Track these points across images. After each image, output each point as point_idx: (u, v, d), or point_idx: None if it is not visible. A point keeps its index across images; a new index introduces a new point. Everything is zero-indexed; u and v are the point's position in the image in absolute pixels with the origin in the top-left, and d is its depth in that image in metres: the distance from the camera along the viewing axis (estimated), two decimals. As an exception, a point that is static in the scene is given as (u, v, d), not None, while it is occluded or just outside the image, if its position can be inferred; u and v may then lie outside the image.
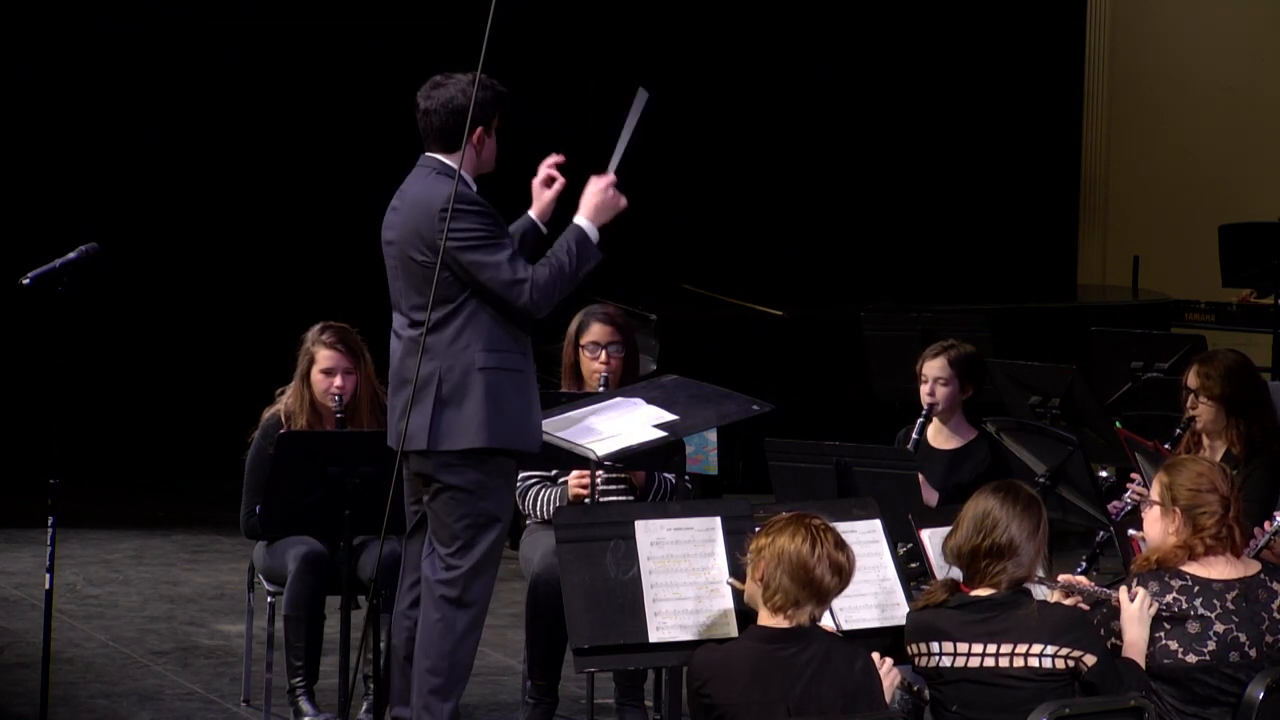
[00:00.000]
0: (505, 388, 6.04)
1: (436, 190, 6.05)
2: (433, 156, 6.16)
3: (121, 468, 11.75)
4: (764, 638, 5.12)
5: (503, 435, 6.03)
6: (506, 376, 6.05)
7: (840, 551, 5.15)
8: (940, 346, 7.41)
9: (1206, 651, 5.34)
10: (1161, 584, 5.40)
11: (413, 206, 6.12)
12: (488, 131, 6.16)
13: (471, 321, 6.03)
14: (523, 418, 6.07)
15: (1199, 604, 5.37)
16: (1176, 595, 5.38)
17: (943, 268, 13.62)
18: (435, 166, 6.14)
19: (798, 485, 6.51)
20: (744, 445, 6.96)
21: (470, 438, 6.00)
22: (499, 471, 6.08)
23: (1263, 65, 13.62)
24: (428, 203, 6.05)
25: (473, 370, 6.01)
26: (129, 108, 12.12)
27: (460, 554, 6.06)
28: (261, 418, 7.18)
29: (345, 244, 10.95)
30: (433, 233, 6.00)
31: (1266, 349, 11.39)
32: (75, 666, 7.83)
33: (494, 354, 6.04)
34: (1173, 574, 5.42)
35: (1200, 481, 5.50)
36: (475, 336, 6.04)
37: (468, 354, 6.01)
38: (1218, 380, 6.91)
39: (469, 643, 6.11)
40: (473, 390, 6.01)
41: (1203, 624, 5.36)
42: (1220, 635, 5.35)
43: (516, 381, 6.07)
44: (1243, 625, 5.36)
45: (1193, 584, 5.40)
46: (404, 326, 6.17)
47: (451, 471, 6.04)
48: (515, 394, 6.06)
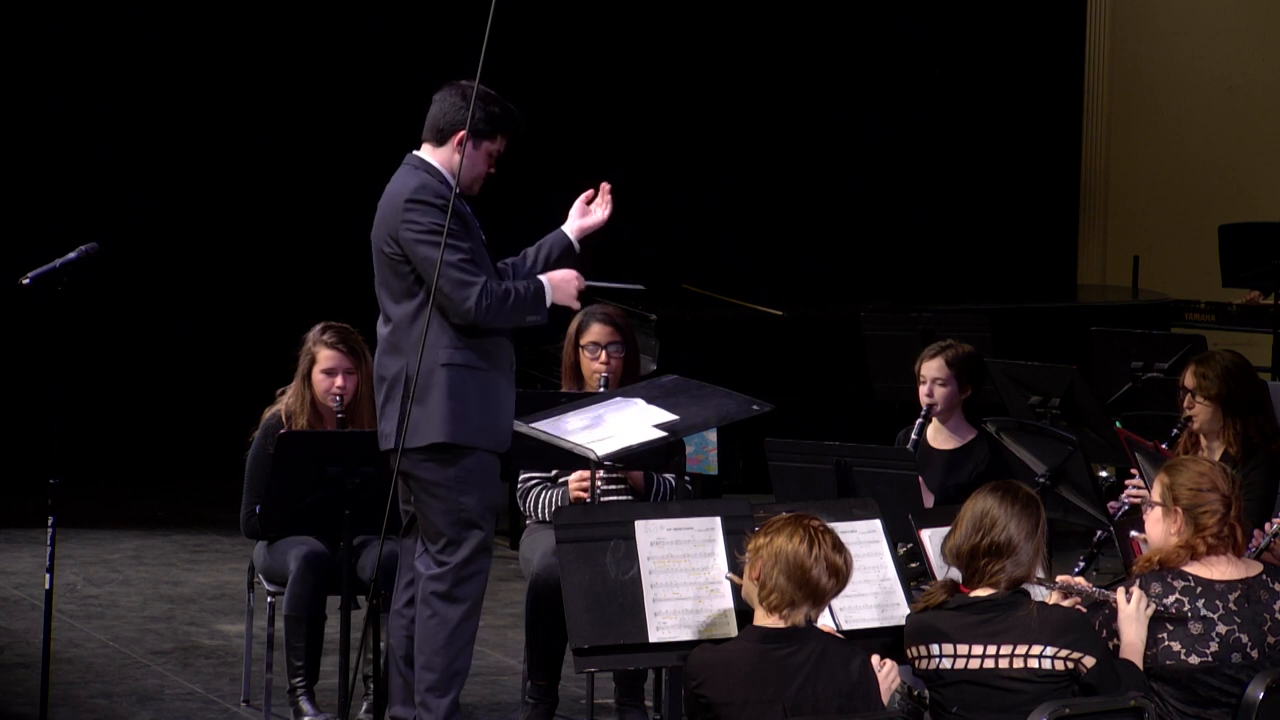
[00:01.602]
0: (468, 385, 6.07)
1: (408, 182, 6.12)
2: (417, 155, 6.21)
3: (121, 468, 11.75)
4: (760, 638, 5.12)
5: (465, 432, 6.06)
6: (469, 374, 6.08)
7: (838, 553, 5.15)
8: (938, 347, 7.41)
9: (1209, 652, 5.33)
10: (1164, 585, 5.40)
11: (386, 198, 6.20)
12: (476, 145, 6.14)
13: (437, 317, 6.05)
14: (487, 416, 6.09)
15: (1201, 605, 5.37)
16: (1179, 596, 5.38)
17: (943, 268, 13.62)
18: (415, 163, 6.20)
19: (798, 485, 6.51)
20: (744, 445, 6.94)
21: (433, 433, 6.04)
22: (475, 467, 6.09)
23: (1263, 65, 13.61)
24: (396, 194, 6.13)
25: (435, 367, 6.05)
26: (129, 107, 12.12)
27: (448, 550, 6.09)
28: (262, 418, 7.19)
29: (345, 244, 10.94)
30: (397, 224, 6.06)
31: (1266, 349, 11.39)
32: (75, 666, 7.83)
33: (458, 351, 6.08)
34: (1175, 574, 5.41)
35: (1201, 481, 5.49)
36: (440, 332, 6.06)
37: (432, 352, 6.05)
38: (1215, 381, 6.90)
39: (462, 638, 6.13)
40: (435, 387, 6.06)
41: (1205, 625, 5.35)
42: (1222, 636, 5.34)
43: (479, 379, 6.10)
44: (1245, 626, 5.36)
45: (1195, 584, 5.40)
46: (380, 324, 6.23)
47: (425, 469, 6.08)
48: (478, 392, 6.08)
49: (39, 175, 11.92)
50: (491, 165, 6.23)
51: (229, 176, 12.35)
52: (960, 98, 14.08)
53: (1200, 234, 12.64)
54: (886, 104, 13.92)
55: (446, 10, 11.73)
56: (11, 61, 11.88)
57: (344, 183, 11.96)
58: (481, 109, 6.10)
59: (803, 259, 13.54)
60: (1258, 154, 13.56)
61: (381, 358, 6.20)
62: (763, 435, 6.73)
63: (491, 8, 5.65)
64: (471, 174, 6.18)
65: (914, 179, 13.98)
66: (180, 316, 12.27)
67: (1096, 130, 14.48)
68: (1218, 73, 13.84)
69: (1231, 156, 13.68)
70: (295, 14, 12.43)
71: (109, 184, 12.01)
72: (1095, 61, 14.45)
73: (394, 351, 6.11)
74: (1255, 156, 13.56)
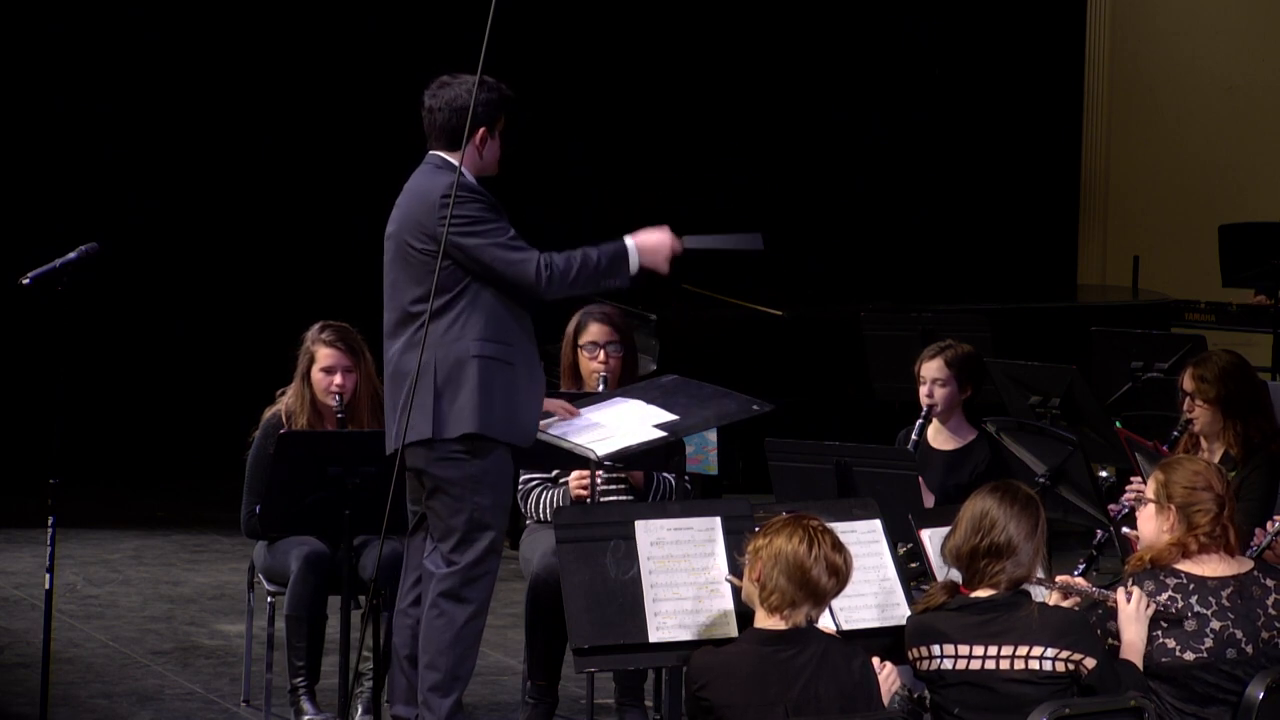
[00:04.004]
0: (496, 378, 6.07)
1: (437, 181, 6.13)
2: (437, 154, 6.23)
3: (121, 468, 11.75)
4: (761, 640, 5.12)
5: (492, 424, 6.06)
6: (498, 367, 6.08)
7: (837, 553, 5.15)
8: (937, 348, 7.41)
9: (1204, 649, 5.34)
10: (1157, 583, 5.40)
11: (412, 197, 6.20)
12: (490, 133, 6.23)
13: (466, 312, 6.08)
14: (511, 410, 6.10)
15: (1194, 601, 5.38)
16: (1172, 594, 5.39)
17: (943, 268, 13.62)
18: (437, 163, 6.22)
19: (798, 485, 6.51)
20: (744, 445, 6.94)
21: (466, 423, 6.04)
22: (495, 464, 6.09)
23: (1263, 65, 13.61)
24: (427, 192, 6.14)
25: (466, 358, 6.05)
26: (129, 107, 12.11)
27: (459, 550, 6.09)
28: (262, 418, 7.18)
29: (345, 244, 10.96)
30: (432, 221, 6.07)
31: (1266, 349, 11.38)
32: (75, 666, 7.83)
33: (488, 344, 6.09)
34: (1168, 572, 5.42)
35: (1196, 480, 5.50)
36: (470, 327, 6.08)
37: (461, 344, 6.06)
38: (1213, 382, 6.89)
39: (468, 639, 6.12)
40: (467, 378, 6.05)
41: (1199, 621, 5.36)
42: (1217, 632, 5.35)
43: (506, 374, 6.10)
44: (1239, 622, 5.37)
45: (1188, 582, 5.41)
46: (395, 325, 6.21)
47: (448, 465, 6.07)
48: (505, 385, 6.09)
49: (39, 175, 11.92)
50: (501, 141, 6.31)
51: (229, 177, 12.35)
52: (960, 98, 14.08)
53: (1200, 234, 12.63)
54: (886, 104, 13.92)
55: (446, 10, 11.73)
56: (11, 61, 11.88)
57: (344, 183, 11.99)
58: (482, 102, 6.12)
59: (803, 259, 13.53)
60: (1258, 154, 13.56)
61: (400, 357, 6.16)
62: (763, 435, 6.72)
63: (491, 8, 5.65)
64: (493, 158, 6.29)
65: (914, 179, 13.98)
66: (180, 316, 12.27)
67: (1096, 130, 14.48)
68: (1218, 73, 13.84)
69: (1231, 156, 13.68)
70: (295, 14, 12.43)
71: (109, 184, 12.00)
72: (1095, 61, 14.45)
73: (416, 348, 6.08)
74: (1255, 156, 13.56)
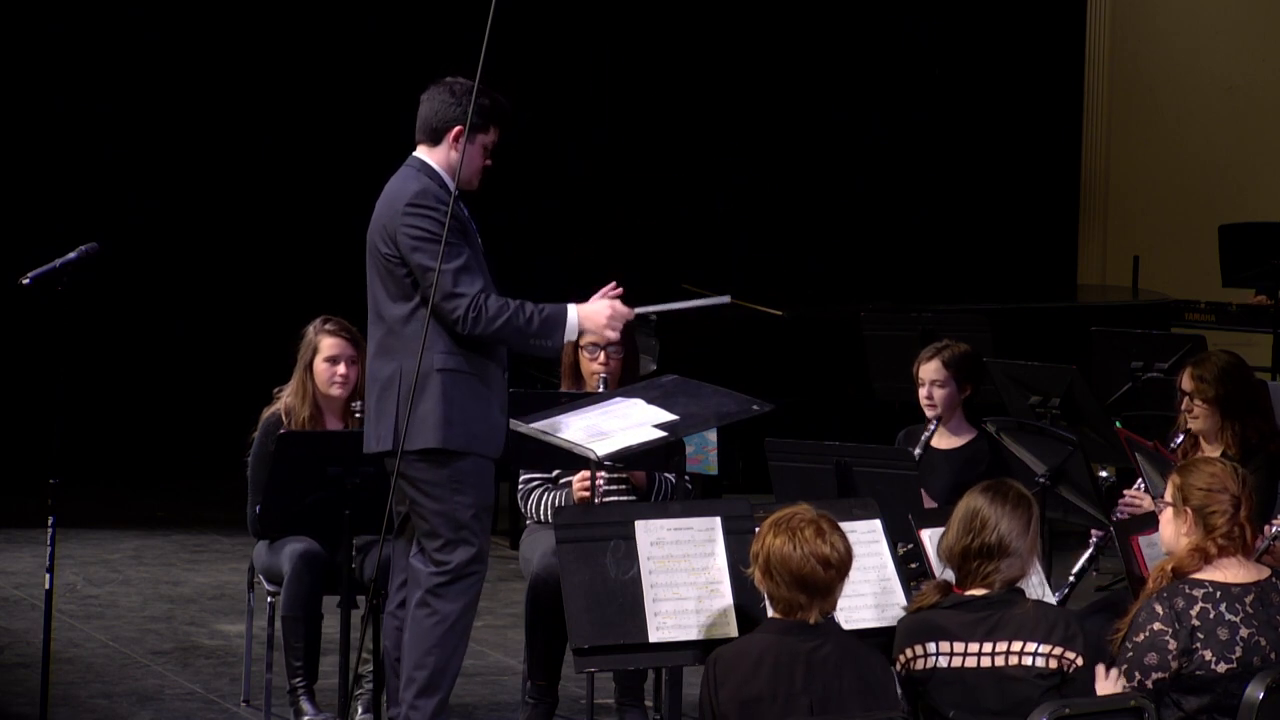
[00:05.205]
0: (460, 390, 6.04)
1: (409, 185, 6.11)
2: (417, 156, 6.21)
3: (121, 468, 11.75)
4: (780, 630, 5.08)
5: (457, 438, 6.03)
6: (463, 379, 6.05)
7: (821, 540, 5.07)
8: (934, 348, 7.39)
9: (1234, 658, 5.27)
10: (1185, 597, 5.31)
11: (384, 199, 6.19)
12: (471, 138, 6.13)
13: (432, 322, 6.03)
14: (478, 422, 6.07)
15: (1224, 609, 5.29)
16: (1202, 605, 5.31)
17: (943, 268, 13.62)
18: (415, 165, 6.20)
19: (798, 485, 6.50)
20: (744, 445, 6.94)
21: (427, 438, 6.02)
22: (469, 470, 6.07)
23: (1263, 65, 13.62)
24: (396, 196, 6.12)
25: (430, 371, 6.03)
26: (129, 107, 12.12)
27: (445, 550, 6.07)
28: (260, 418, 7.18)
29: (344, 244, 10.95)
30: (395, 227, 6.05)
31: (1266, 349, 11.39)
32: (75, 666, 7.83)
33: (452, 356, 6.05)
34: (1193, 584, 5.34)
35: (1212, 482, 5.45)
36: (436, 337, 6.04)
37: (427, 356, 6.02)
38: (1212, 383, 6.87)
39: (453, 639, 6.10)
40: (430, 391, 6.03)
41: (1230, 630, 5.30)
42: (1245, 640, 5.27)
43: (472, 385, 6.07)
44: (1262, 629, 5.29)
45: (1214, 590, 5.32)
46: (370, 325, 6.22)
47: (419, 471, 6.06)
48: (470, 398, 6.06)
49: (39, 175, 11.92)
50: (487, 158, 6.24)
51: (228, 176, 12.36)
52: (960, 98, 14.08)
53: (1200, 234, 12.64)
54: (886, 104, 13.92)
55: (446, 10, 11.73)
56: (11, 61, 11.88)
57: (343, 183, 11.96)
58: (465, 96, 6.10)
59: (803, 259, 13.54)
60: (1258, 154, 13.56)
61: (374, 361, 6.18)
62: (763, 435, 6.72)
63: (492, 8, 5.65)
64: (470, 169, 6.18)
65: (914, 179, 13.99)
66: (180, 316, 12.28)
67: (1096, 130, 14.48)
68: (1218, 73, 13.84)
69: (1231, 156, 13.69)
70: (295, 14, 12.43)
71: (109, 184, 12.01)
72: (1095, 61, 14.46)
73: (386, 354, 6.09)
74: (1255, 156, 13.57)
